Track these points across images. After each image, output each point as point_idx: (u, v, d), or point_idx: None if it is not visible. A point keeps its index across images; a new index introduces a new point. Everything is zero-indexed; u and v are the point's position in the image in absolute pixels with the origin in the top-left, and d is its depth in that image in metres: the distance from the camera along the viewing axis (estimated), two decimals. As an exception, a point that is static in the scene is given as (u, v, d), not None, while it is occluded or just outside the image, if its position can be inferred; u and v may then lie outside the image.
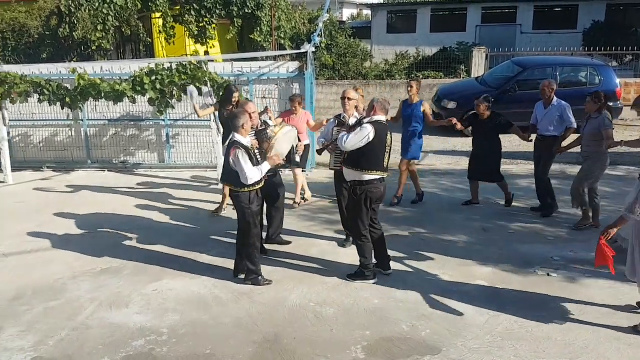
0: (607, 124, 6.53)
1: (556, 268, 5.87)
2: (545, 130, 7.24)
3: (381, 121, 5.41)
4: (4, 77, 8.50)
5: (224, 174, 5.51)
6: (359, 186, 5.42)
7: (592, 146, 6.68)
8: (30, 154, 10.62)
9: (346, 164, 5.52)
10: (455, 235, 6.81)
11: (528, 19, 22.38)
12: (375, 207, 5.61)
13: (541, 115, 7.30)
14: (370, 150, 5.30)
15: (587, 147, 6.77)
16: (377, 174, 5.38)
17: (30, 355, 4.39)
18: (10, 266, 6.10)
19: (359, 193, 5.42)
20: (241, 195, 5.39)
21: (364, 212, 5.46)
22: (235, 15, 14.81)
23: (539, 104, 7.43)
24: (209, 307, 5.15)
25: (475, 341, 4.56)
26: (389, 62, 18.47)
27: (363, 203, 5.42)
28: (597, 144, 6.62)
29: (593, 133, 6.63)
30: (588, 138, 6.71)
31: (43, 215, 7.78)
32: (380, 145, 5.33)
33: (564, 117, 7.09)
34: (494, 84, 12.70)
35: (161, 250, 6.47)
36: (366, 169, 5.34)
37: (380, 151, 5.34)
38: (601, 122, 6.54)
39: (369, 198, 5.40)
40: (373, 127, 5.28)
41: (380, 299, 5.25)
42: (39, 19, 15.60)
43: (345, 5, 38.76)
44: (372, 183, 5.38)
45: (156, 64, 8.80)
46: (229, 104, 7.31)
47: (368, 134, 5.24)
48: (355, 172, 5.40)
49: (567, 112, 7.07)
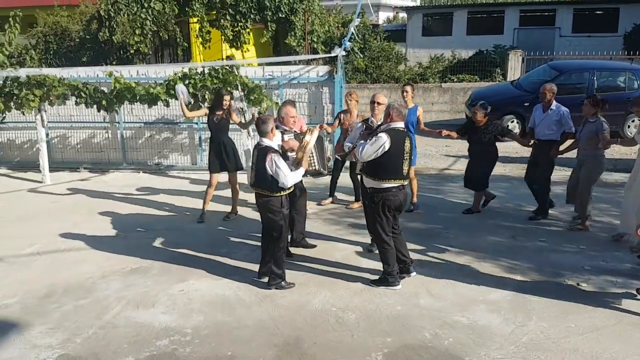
0: (604, 127, 6.65)
1: (587, 278, 5.72)
2: (543, 135, 7.24)
3: (398, 128, 5.34)
4: (43, 79, 8.78)
5: (256, 179, 5.42)
6: (376, 194, 5.38)
7: (589, 149, 6.80)
8: (68, 155, 10.94)
9: (365, 173, 5.52)
10: (484, 243, 6.71)
11: (567, 21, 21.87)
12: (396, 215, 5.56)
13: (539, 119, 7.30)
14: (387, 160, 5.24)
15: (583, 151, 6.88)
16: (395, 182, 5.32)
17: (57, 352, 4.51)
18: (44, 264, 6.29)
19: (376, 200, 5.39)
20: (273, 200, 5.40)
21: (383, 220, 5.42)
22: (269, 20, 14.95)
23: (537, 108, 7.43)
24: (233, 308, 5.21)
25: (499, 351, 4.48)
26: (422, 65, 18.31)
27: (381, 210, 5.37)
28: (594, 147, 6.74)
29: (590, 136, 6.73)
30: (585, 141, 6.81)
31: (77, 215, 8.00)
32: (398, 153, 5.26)
33: (562, 122, 7.12)
34: (529, 87, 12.46)
35: (188, 251, 6.56)
36: (384, 179, 5.30)
37: (397, 159, 5.28)
38: (599, 126, 6.65)
39: (386, 206, 5.36)
40: (388, 135, 5.22)
41: (404, 306, 5.21)
42: (80, 23, 16.08)
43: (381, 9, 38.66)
44: (390, 191, 5.32)
45: (189, 68, 8.96)
46: (219, 109, 7.40)
47: (383, 144, 5.19)
48: (374, 180, 5.38)
49: (566, 117, 7.11)
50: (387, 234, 5.47)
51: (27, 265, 6.28)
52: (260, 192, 5.45)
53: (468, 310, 5.11)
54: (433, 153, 11.56)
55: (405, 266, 5.71)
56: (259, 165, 5.35)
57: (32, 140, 10.66)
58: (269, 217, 5.47)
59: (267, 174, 5.29)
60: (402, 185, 5.41)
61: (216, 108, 7.44)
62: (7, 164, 10.99)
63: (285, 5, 14.69)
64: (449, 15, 23.73)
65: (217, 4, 14.97)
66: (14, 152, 11.08)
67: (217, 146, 7.44)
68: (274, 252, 5.54)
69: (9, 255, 6.52)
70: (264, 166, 5.29)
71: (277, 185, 5.33)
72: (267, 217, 5.49)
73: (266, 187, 5.36)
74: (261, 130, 5.42)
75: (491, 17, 23.23)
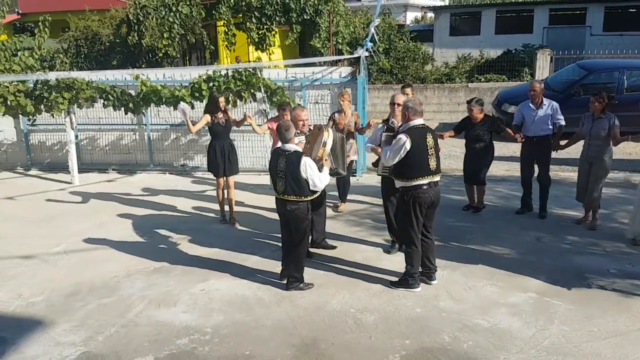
0: (617, 123, 6.72)
1: (612, 281, 5.59)
2: (540, 131, 7.29)
3: (416, 126, 5.32)
4: (72, 82, 8.98)
5: (288, 186, 5.28)
6: (406, 192, 5.37)
7: (602, 145, 6.82)
8: (97, 157, 11.17)
9: (393, 176, 5.53)
10: (508, 245, 6.61)
11: (598, 20, 21.36)
12: (429, 214, 5.51)
13: (531, 117, 7.32)
14: (411, 159, 5.23)
15: (596, 147, 6.86)
16: (424, 179, 5.28)
17: (80, 350, 4.62)
18: (70, 264, 6.44)
19: (406, 198, 5.37)
20: (302, 206, 5.38)
21: (413, 219, 5.38)
22: (294, 22, 15.01)
23: (524, 105, 7.47)
24: (252, 308, 5.25)
25: (519, 355, 4.41)
26: (449, 65, 18.14)
27: (412, 209, 5.34)
28: (606, 143, 6.81)
29: (602, 133, 6.77)
30: (597, 138, 6.82)
31: (104, 215, 8.17)
32: (420, 151, 5.24)
33: (555, 116, 7.23)
34: (558, 87, 12.23)
35: (211, 252, 6.64)
36: (412, 178, 5.28)
37: (422, 157, 5.25)
38: (611, 122, 6.72)
39: (417, 203, 5.32)
40: (407, 135, 5.21)
41: (423, 308, 5.17)
42: (110, 27, 16.41)
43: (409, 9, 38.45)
44: (420, 188, 5.29)
45: (213, 71, 9.06)
46: (218, 111, 7.37)
47: (404, 144, 5.19)
48: (402, 181, 5.38)
49: (558, 111, 7.26)
50: (416, 235, 5.43)
51: (54, 264, 6.44)
52: (288, 199, 5.35)
53: (488, 313, 5.05)
54: (458, 154, 11.42)
55: (428, 272, 5.66)
56: (291, 171, 5.26)
57: (62, 142, 10.95)
58: (294, 223, 5.43)
59: (302, 178, 5.27)
60: (433, 181, 5.36)
61: (215, 111, 7.38)
62: (37, 166, 11.30)
63: (310, 7, 14.73)
64: (477, 15, 23.43)
65: (243, 7, 15.10)
66: (45, 153, 11.36)
67: (221, 150, 7.41)
68: (295, 256, 5.56)
69: (37, 254, 6.70)
70: (297, 172, 5.25)
71: (308, 189, 5.33)
72: (291, 223, 5.45)
73: (300, 192, 5.31)
74: (285, 137, 5.39)
75: (520, 16, 22.85)
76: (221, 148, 7.41)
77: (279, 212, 5.57)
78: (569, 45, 18.23)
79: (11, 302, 5.50)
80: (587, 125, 6.94)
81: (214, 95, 7.55)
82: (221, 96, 7.50)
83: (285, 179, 5.29)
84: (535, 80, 7.76)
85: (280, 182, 5.34)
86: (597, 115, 6.82)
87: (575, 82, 11.99)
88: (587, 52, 17.93)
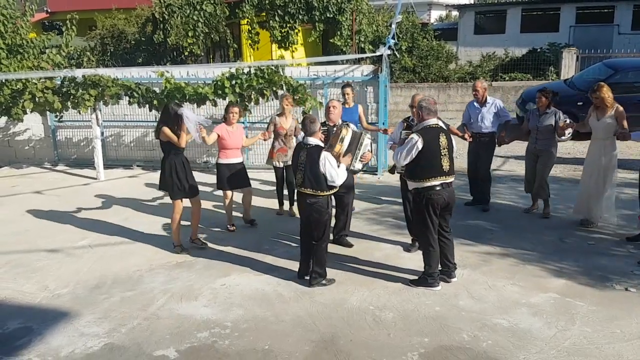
0: (562, 117, 7.21)
1: (636, 282, 5.51)
2: (484, 128, 7.62)
3: (430, 126, 5.28)
4: (98, 80, 9.13)
5: (306, 179, 5.34)
6: (419, 193, 5.35)
7: (548, 139, 7.28)
8: (122, 153, 11.35)
9: (406, 176, 5.53)
10: (530, 245, 6.55)
11: (626, 18, 20.96)
12: (445, 215, 5.49)
13: (476, 114, 7.68)
14: (423, 159, 5.19)
15: (543, 141, 7.30)
16: (437, 179, 5.25)
17: (103, 341, 4.71)
18: (95, 257, 6.57)
19: (419, 200, 5.35)
20: (321, 200, 5.41)
21: (428, 220, 5.35)
22: (317, 20, 15.05)
23: (470, 104, 7.86)
24: (272, 303, 5.29)
25: (538, 355, 4.38)
26: (473, 64, 17.99)
27: (425, 210, 5.32)
28: (552, 137, 7.27)
29: (549, 128, 7.21)
30: (544, 132, 7.25)
31: (129, 210, 8.31)
32: (433, 151, 5.20)
33: (500, 113, 7.60)
34: (583, 86, 12.04)
35: (232, 247, 6.71)
36: (424, 178, 5.25)
37: (434, 157, 5.21)
38: (557, 116, 7.19)
39: (430, 205, 5.29)
40: (420, 135, 5.18)
41: (442, 306, 5.16)
42: (136, 25, 16.66)
43: (433, 7, 38.19)
44: (433, 189, 5.26)
45: (236, 69, 9.13)
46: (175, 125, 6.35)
47: (415, 144, 5.16)
48: (415, 182, 5.36)
49: (503, 109, 7.67)
50: (432, 236, 5.40)
51: (80, 257, 6.57)
52: (308, 192, 5.40)
53: (509, 313, 5.01)
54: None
55: (448, 271, 5.64)
56: (310, 164, 5.32)
57: (88, 138, 11.14)
58: (314, 217, 5.46)
59: (320, 173, 5.30)
60: (446, 182, 5.33)
61: (172, 126, 6.35)
62: (64, 161, 11.52)
63: (333, 5, 14.75)
64: (502, 13, 23.19)
65: (267, 6, 15.20)
66: (71, 149, 11.59)
67: (176, 166, 6.53)
68: (316, 252, 5.57)
69: (63, 248, 6.85)
70: (316, 165, 5.29)
71: (326, 184, 5.36)
72: (312, 217, 5.47)
73: (317, 186, 5.35)
74: (310, 130, 5.42)
75: (546, 15, 22.55)
76: (180, 164, 6.51)
77: (299, 206, 5.64)
78: (596, 44, 17.93)
79: (38, 293, 5.64)
80: (533, 120, 7.38)
81: (170, 107, 6.43)
82: (180, 107, 6.44)
83: (304, 172, 5.36)
84: (479, 80, 8.36)
85: (300, 174, 5.43)
86: (542, 111, 7.28)
87: (601, 81, 11.76)
88: (614, 51, 17.63)
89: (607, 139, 6.81)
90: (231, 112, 7.12)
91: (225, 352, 4.53)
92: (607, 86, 6.87)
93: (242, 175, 7.24)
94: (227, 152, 7.17)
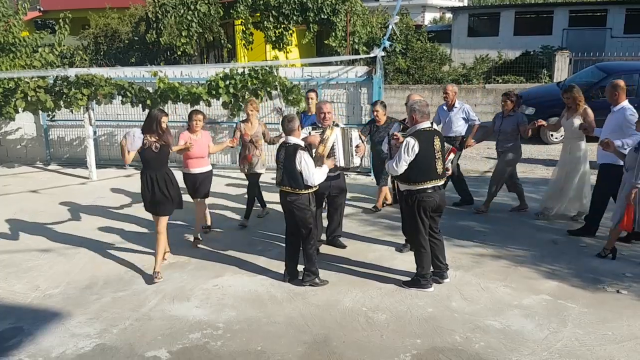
0: (524, 120, 7.55)
1: (627, 285, 5.53)
2: (451, 132, 7.85)
3: (423, 129, 5.28)
4: (91, 79, 9.09)
5: (284, 177, 5.44)
6: (410, 195, 5.34)
7: (512, 141, 7.51)
8: (115, 153, 11.25)
9: (398, 179, 5.52)
10: (523, 247, 6.57)
11: (619, 22, 21.10)
12: (435, 216, 5.50)
13: (445, 117, 7.96)
14: (418, 162, 5.18)
15: (506, 142, 7.54)
16: (429, 183, 5.25)
17: (94, 342, 4.69)
18: (87, 257, 6.53)
19: (410, 202, 5.35)
20: (302, 197, 5.45)
21: (419, 222, 5.36)
22: (311, 21, 15.05)
23: (440, 107, 8.14)
24: (264, 305, 5.28)
25: (530, 357, 4.39)
26: (466, 66, 18.05)
27: (417, 212, 5.32)
28: (515, 138, 7.51)
29: (513, 129, 7.45)
30: (508, 133, 7.49)
31: (121, 210, 8.28)
32: (427, 153, 5.19)
33: (469, 117, 7.89)
34: (576, 89, 12.10)
35: (225, 248, 6.70)
36: (417, 181, 5.24)
37: (428, 160, 5.21)
38: (520, 119, 7.48)
39: (421, 207, 5.29)
40: (415, 138, 5.17)
41: (435, 308, 5.16)
42: (129, 25, 16.59)
43: (427, 9, 38.33)
44: (424, 192, 5.26)
45: (230, 69, 9.12)
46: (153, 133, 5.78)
47: (412, 147, 5.15)
48: (407, 185, 5.35)
49: (471, 111, 7.96)
50: (423, 237, 5.40)
51: (71, 257, 6.53)
52: (286, 190, 5.48)
53: (501, 315, 5.02)
54: (474, 155, 11.40)
55: (440, 272, 5.65)
56: (287, 163, 5.40)
57: (81, 137, 11.08)
58: (296, 215, 5.49)
59: (297, 171, 5.34)
60: (438, 185, 5.34)
61: (150, 133, 5.81)
62: (57, 161, 11.46)
63: (327, 7, 14.75)
64: (495, 16, 23.28)
65: (261, 6, 15.17)
66: (64, 149, 11.52)
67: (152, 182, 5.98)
68: (305, 250, 5.60)
69: (54, 248, 6.82)
70: (293, 164, 5.35)
71: (303, 182, 5.38)
72: (294, 215, 5.50)
73: (294, 184, 5.40)
74: (288, 128, 5.48)
75: (539, 18, 22.67)
76: (152, 180, 5.89)
77: (282, 204, 5.65)
78: (589, 47, 18.02)
79: (29, 293, 5.60)
80: (497, 122, 7.64)
81: (154, 113, 5.87)
82: (164, 115, 5.83)
83: (283, 170, 5.44)
84: (449, 84, 8.77)
85: (279, 173, 5.52)
86: (506, 114, 7.52)
87: (594, 84, 11.88)
88: (607, 54, 17.71)
89: (575, 138, 7.10)
90: (195, 119, 6.63)
91: (218, 354, 4.51)
92: (577, 87, 7.25)
93: (203, 185, 6.90)
94: (189, 162, 6.77)
